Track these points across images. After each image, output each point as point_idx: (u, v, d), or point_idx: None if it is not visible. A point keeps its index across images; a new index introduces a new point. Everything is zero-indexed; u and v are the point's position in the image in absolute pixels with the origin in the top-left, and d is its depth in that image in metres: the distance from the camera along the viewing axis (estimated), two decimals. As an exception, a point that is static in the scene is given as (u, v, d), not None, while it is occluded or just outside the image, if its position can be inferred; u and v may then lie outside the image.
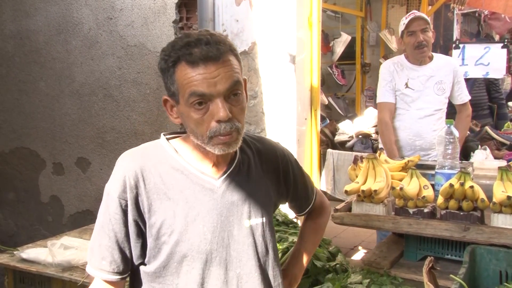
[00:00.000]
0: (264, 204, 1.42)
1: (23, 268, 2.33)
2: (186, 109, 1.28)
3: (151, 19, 3.57)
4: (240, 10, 3.22)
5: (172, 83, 1.29)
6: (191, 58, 1.23)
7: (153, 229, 1.31)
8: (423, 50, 3.21)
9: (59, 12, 3.95)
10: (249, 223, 1.37)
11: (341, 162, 5.01)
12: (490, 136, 4.34)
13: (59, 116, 4.08)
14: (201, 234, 1.31)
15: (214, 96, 1.24)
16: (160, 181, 1.32)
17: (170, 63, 1.27)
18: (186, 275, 1.31)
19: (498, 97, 5.03)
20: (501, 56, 4.54)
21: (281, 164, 1.52)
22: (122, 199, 1.30)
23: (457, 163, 2.40)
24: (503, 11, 6.72)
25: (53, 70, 4.05)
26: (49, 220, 4.24)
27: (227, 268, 1.34)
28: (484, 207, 1.98)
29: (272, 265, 1.43)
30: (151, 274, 1.35)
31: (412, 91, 3.24)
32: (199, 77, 1.23)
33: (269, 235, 1.42)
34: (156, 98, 3.62)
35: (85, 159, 4.00)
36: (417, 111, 3.24)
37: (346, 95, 7.96)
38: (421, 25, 3.21)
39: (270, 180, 1.48)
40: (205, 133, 1.27)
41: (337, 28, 7.64)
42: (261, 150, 1.49)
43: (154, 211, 1.31)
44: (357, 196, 2.22)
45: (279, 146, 1.57)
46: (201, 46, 1.23)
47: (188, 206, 1.32)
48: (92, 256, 1.36)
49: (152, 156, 1.36)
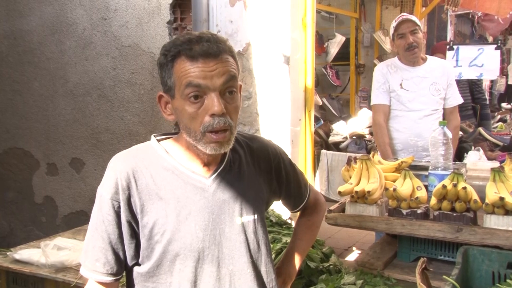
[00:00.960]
0: (256, 202, 1.44)
1: (16, 269, 2.32)
2: (181, 103, 1.29)
3: (145, 20, 3.57)
4: (234, 11, 3.23)
5: (169, 77, 1.30)
6: (191, 53, 1.26)
7: (146, 229, 1.33)
8: (414, 51, 3.24)
9: (53, 12, 3.94)
10: (241, 220, 1.39)
11: (335, 163, 5.02)
12: (483, 137, 4.36)
13: (53, 116, 4.06)
14: (193, 233, 1.33)
15: (210, 89, 1.26)
16: (152, 181, 1.34)
17: (170, 57, 1.29)
18: (179, 273, 1.33)
19: (481, 97, 5.07)
20: (494, 57, 4.56)
21: (273, 161, 1.53)
22: (115, 200, 1.31)
23: (450, 164, 2.41)
24: (496, 12, 6.76)
25: (47, 70, 4.03)
26: (43, 221, 4.23)
27: (220, 265, 1.35)
28: (477, 208, 1.99)
29: (265, 261, 1.44)
30: (144, 274, 1.36)
31: (407, 92, 3.26)
32: (197, 69, 1.26)
33: (261, 232, 1.44)
34: (150, 98, 3.61)
35: (79, 160, 3.99)
36: (416, 112, 3.26)
37: (340, 96, 7.97)
38: (410, 27, 3.25)
39: (262, 178, 1.49)
40: (198, 129, 1.28)
41: (332, 29, 7.65)
42: (252, 148, 1.51)
43: (146, 211, 1.33)
44: (351, 197, 2.22)
45: (270, 144, 1.58)
46: (202, 43, 1.27)
47: (179, 205, 1.33)
48: (86, 258, 1.36)
49: (143, 157, 1.37)
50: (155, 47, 3.56)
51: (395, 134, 3.32)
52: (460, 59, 4.67)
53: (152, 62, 3.59)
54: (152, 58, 3.58)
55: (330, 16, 7.72)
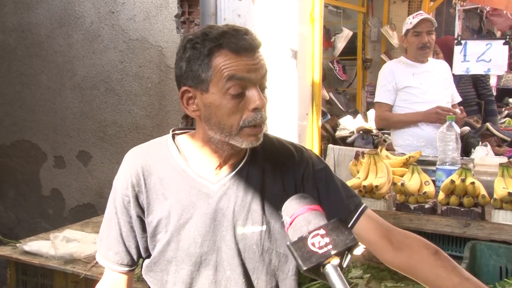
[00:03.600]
0: (269, 211, 1.35)
1: (25, 260, 2.35)
2: (217, 98, 1.24)
3: (153, 13, 3.57)
4: (242, 4, 3.22)
5: (205, 70, 1.24)
6: (236, 46, 1.23)
7: (150, 227, 1.35)
8: (426, 51, 3.32)
9: (61, 5, 3.94)
10: (243, 231, 1.33)
11: (342, 158, 5.00)
12: (491, 133, 4.33)
13: (60, 109, 4.08)
14: (191, 238, 1.32)
15: (252, 82, 1.24)
16: (159, 181, 1.34)
17: (206, 50, 1.23)
18: (175, 274, 1.34)
19: (485, 93, 4.99)
20: (502, 52, 4.52)
21: (301, 167, 1.39)
22: (125, 195, 1.34)
23: (458, 159, 2.41)
24: (505, 7, 6.69)
25: (55, 64, 4.04)
26: (50, 213, 4.25)
27: (217, 270, 1.34)
28: (485, 203, 1.99)
29: (266, 271, 1.36)
30: (146, 266, 1.39)
31: (420, 84, 3.32)
32: (241, 63, 1.23)
33: (268, 243, 1.35)
34: (157, 92, 3.62)
35: (87, 153, 4.00)
36: (432, 105, 3.26)
37: (347, 91, 7.95)
38: (428, 27, 3.29)
39: (287, 186, 1.37)
40: (236, 124, 1.24)
41: (339, 23, 7.62)
42: (275, 153, 1.40)
43: (151, 210, 1.34)
44: (359, 192, 2.23)
45: (298, 148, 1.45)
46: (242, 36, 1.25)
47: (182, 208, 1.32)
48: (100, 245, 1.41)
49: (156, 154, 1.37)
50: (163, 40, 3.56)
51: (416, 131, 3.30)
52: (468, 54, 4.63)
53: (159, 56, 3.59)
54: (159, 51, 3.59)
55: (337, 10, 7.68)
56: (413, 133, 3.32)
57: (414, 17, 3.34)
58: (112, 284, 1.42)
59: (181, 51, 1.28)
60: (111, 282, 1.42)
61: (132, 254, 1.39)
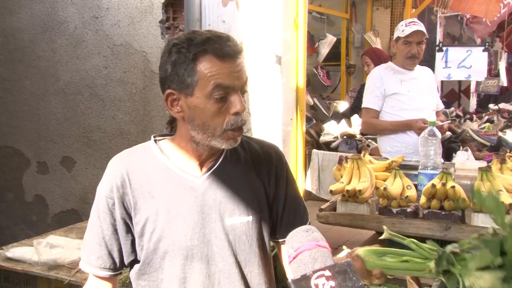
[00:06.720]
0: (253, 203, 1.42)
1: (8, 267, 2.32)
2: (202, 101, 1.29)
3: (137, 19, 3.57)
4: (227, 10, 3.24)
5: (191, 74, 1.28)
6: (221, 52, 1.27)
7: (138, 227, 1.36)
8: (414, 61, 3.36)
9: (44, 10, 3.92)
10: (231, 221, 1.38)
11: (326, 162, 5.04)
12: (471, 138, 4.41)
13: (44, 115, 4.05)
14: (181, 231, 1.35)
15: (235, 89, 1.30)
16: (145, 180, 1.37)
17: (192, 55, 1.27)
18: (169, 270, 1.36)
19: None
20: (482, 59, 4.63)
21: (275, 165, 1.48)
22: (110, 198, 1.36)
23: (440, 164, 2.45)
24: (484, 15, 6.84)
25: (38, 69, 4.02)
26: (34, 220, 4.21)
27: (209, 263, 1.37)
28: (465, 206, 2.03)
29: (258, 264, 1.42)
30: (137, 272, 1.40)
31: (408, 92, 3.34)
32: (226, 70, 1.28)
33: (256, 234, 1.41)
34: (142, 97, 3.61)
35: (70, 158, 3.98)
36: (418, 112, 3.30)
37: (331, 96, 8.01)
38: (419, 38, 3.30)
39: (262, 180, 1.45)
40: (220, 126, 1.31)
41: (323, 29, 7.69)
42: (254, 149, 1.49)
43: (138, 209, 1.36)
44: (342, 196, 2.25)
45: (273, 147, 1.55)
46: (225, 42, 1.29)
47: (170, 204, 1.36)
48: (83, 251, 1.43)
49: (140, 157, 1.41)
50: (147, 46, 3.56)
51: (405, 138, 3.33)
52: (449, 60, 4.73)
53: (144, 61, 3.59)
54: (144, 57, 3.59)
55: (321, 16, 7.76)
56: (402, 139, 3.33)
57: (407, 25, 3.32)
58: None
59: (166, 55, 1.32)
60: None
61: (115, 257, 1.39)
